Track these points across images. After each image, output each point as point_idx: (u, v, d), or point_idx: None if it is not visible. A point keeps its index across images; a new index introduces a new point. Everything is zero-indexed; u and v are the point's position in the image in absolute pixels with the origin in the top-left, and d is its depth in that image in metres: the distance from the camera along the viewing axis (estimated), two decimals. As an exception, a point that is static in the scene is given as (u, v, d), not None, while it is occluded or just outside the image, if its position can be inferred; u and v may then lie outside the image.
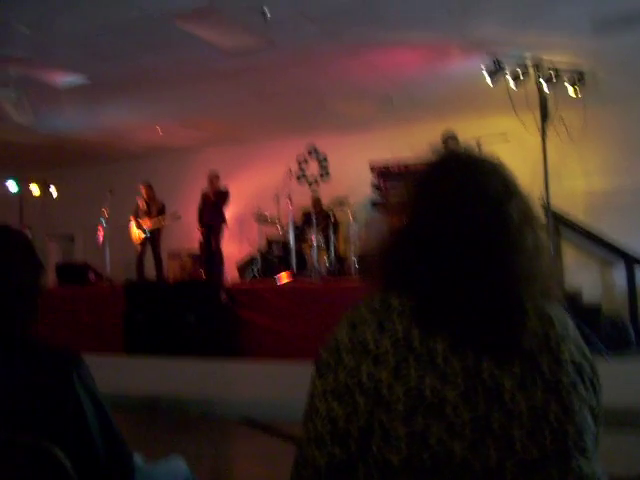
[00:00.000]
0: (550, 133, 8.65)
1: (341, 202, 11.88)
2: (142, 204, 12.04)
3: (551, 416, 1.31)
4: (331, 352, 1.42)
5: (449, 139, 9.37)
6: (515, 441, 1.28)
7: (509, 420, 1.29)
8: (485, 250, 1.39)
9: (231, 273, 12.27)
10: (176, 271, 12.70)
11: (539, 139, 8.51)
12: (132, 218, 12.06)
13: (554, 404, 1.32)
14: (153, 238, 11.93)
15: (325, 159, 13.86)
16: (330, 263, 11.23)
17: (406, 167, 10.91)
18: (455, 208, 1.42)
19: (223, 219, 11.77)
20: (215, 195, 11.68)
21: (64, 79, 9.50)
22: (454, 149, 1.56)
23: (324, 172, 13.89)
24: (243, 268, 12.11)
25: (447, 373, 1.32)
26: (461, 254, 1.39)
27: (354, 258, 10.86)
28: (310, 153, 13.98)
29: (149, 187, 12.06)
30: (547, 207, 8.38)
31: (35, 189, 13.94)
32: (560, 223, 10.10)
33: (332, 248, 11.39)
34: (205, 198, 11.80)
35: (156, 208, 12.01)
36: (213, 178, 11.75)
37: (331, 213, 11.86)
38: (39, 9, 7.11)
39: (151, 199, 12.05)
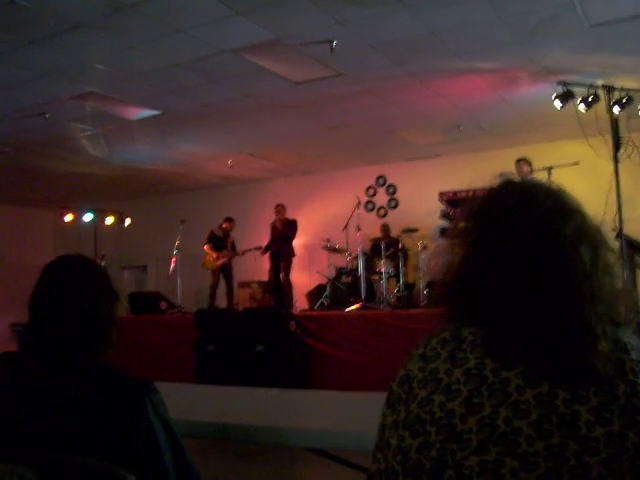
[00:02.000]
0: (623, 158, 8.38)
1: (410, 230, 11.66)
2: (220, 234, 12.28)
3: (629, 444, 1.26)
4: (402, 384, 1.41)
5: (521, 162, 9.25)
6: (592, 470, 1.24)
7: (585, 449, 1.25)
8: (541, 271, 1.37)
9: (300, 302, 12.07)
10: (246, 300, 12.74)
11: (611, 164, 8.26)
12: (207, 247, 12.23)
13: (632, 431, 1.27)
14: (227, 268, 12.19)
15: (394, 188, 13.83)
16: (399, 292, 11.07)
17: (475, 195, 10.64)
18: (508, 233, 1.41)
19: (291, 248, 11.80)
20: (283, 225, 11.79)
21: (138, 113, 9.70)
22: (510, 177, 1.55)
23: (393, 201, 13.85)
24: (312, 297, 11.98)
25: (520, 403, 1.29)
26: (521, 279, 1.37)
27: (424, 287, 10.67)
28: (379, 182, 13.96)
29: (232, 222, 12.37)
30: (620, 234, 8.11)
31: (109, 219, 14.18)
32: (635, 250, 9.72)
33: (401, 277, 11.21)
34: (273, 228, 11.91)
35: (231, 242, 12.31)
36: (280, 209, 11.92)
37: (400, 241, 11.68)
38: (113, 46, 7.31)
39: (229, 233, 12.34)
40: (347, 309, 10.28)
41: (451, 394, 1.32)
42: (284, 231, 11.72)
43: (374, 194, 14.04)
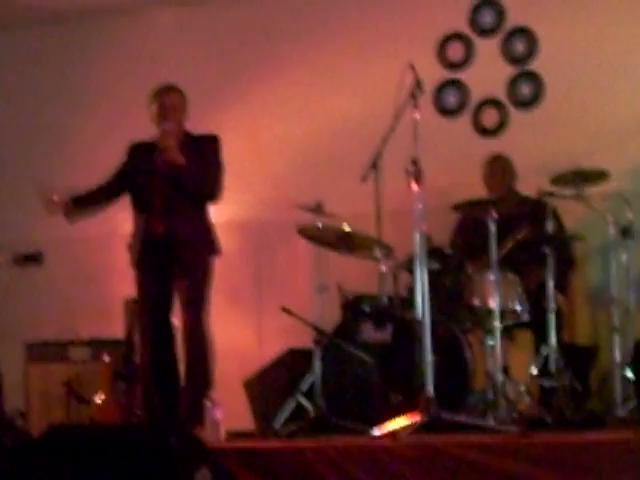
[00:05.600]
0: None
1: (585, 179, 4.40)
2: None
3: None
4: None
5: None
6: None
7: None
8: None
9: (233, 406, 4.49)
10: (51, 403, 5.38)
11: None
12: None
13: None
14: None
15: (529, 39, 5.36)
16: (546, 377, 4.41)
17: None
18: None
19: (208, 232, 4.46)
20: (176, 156, 4.24)
21: None
22: None
23: (524, 83, 5.42)
24: (270, 389, 4.98)
25: None
26: None
27: (623, 358, 4.29)
28: (478, 14, 5.44)
29: None
30: None
31: None
32: None
33: (550, 328, 4.39)
34: (149, 166, 4.32)
35: None
36: (170, 108, 4.38)
37: (552, 216, 4.49)
38: None
39: None
40: (381, 430, 3.86)
41: None
42: (177, 174, 4.26)
43: (466, 60, 5.46)
